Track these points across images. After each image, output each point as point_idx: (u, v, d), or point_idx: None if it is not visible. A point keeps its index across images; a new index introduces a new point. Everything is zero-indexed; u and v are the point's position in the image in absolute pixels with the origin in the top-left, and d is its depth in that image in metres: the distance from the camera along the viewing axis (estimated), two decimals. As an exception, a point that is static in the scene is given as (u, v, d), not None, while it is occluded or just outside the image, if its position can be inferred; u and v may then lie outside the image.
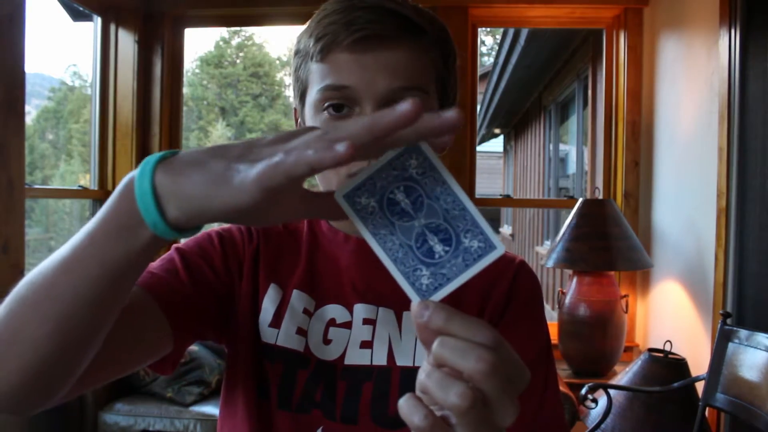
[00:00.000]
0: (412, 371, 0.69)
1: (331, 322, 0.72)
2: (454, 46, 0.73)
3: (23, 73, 2.17)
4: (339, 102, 0.66)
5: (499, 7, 2.79)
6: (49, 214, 8.17)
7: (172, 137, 3.03)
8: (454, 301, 0.59)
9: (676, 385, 1.83)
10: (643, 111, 2.72)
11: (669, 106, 2.48)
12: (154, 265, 0.69)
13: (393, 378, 0.69)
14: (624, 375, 1.99)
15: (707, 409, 1.73)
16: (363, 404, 0.68)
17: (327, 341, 0.71)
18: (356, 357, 0.70)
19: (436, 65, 0.69)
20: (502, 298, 0.73)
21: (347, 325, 0.72)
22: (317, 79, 0.67)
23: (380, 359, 0.70)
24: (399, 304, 0.72)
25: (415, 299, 0.40)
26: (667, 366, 1.93)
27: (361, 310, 0.72)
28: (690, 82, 2.25)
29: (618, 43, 2.80)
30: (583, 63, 4.23)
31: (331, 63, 0.66)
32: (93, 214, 2.87)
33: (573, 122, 5.32)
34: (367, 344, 0.71)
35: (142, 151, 2.93)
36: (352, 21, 0.64)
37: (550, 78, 5.58)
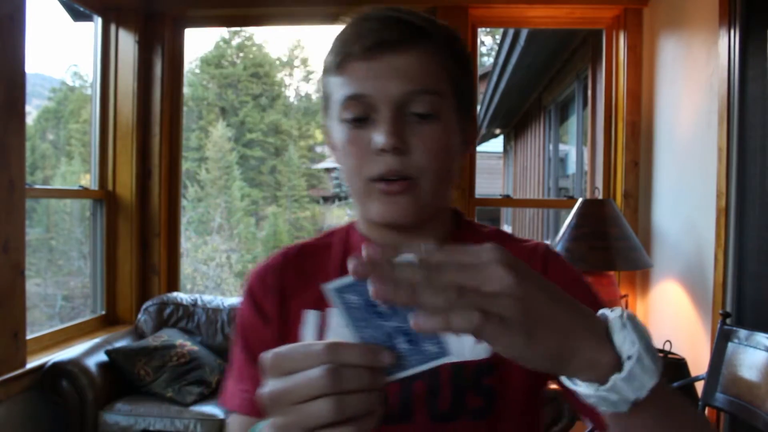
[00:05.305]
0: (461, 366, 0.70)
1: None
2: (465, 48, 0.76)
3: (24, 73, 2.17)
4: (358, 112, 0.69)
5: (498, 7, 2.79)
6: (49, 214, 8.16)
7: (172, 137, 3.03)
8: None
9: (675, 384, 1.83)
10: (643, 111, 2.72)
11: (668, 107, 2.48)
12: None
13: (442, 373, 0.69)
14: (624, 375, 1.99)
15: (707, 408, 1.73)
16: (417, 401, 0.69)
17: None
18: None
19: (447, 67, 0.71)
20: None
21: None
22: (337, 91, 0.71)
23: None
24: None
25: None
26: (666, 366, 1.93)
27: None
28: (689, 83, 2.25)
29: (617, 43, 2.81)
30: (582, 63, 4.22)
31: (347, 74, 0.70)
32: (93, 214, 2.89)
33: (573, 122, 5.31)
34: None
35: (142, 151, 2.94)
36: (361, 32, 0.69)
37: (550, 78, 5.57)
